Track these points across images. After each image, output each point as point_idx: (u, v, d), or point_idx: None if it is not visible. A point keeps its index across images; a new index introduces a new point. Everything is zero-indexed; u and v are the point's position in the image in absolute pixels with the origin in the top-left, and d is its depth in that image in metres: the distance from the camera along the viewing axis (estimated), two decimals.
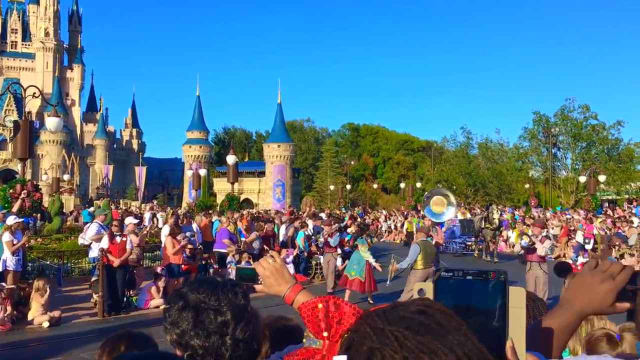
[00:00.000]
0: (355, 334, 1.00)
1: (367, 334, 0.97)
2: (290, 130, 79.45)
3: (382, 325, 0.97)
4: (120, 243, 12.47)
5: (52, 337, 10.27)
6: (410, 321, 0.96)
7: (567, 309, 1.37)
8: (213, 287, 1.70)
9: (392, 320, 0.97)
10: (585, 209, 35.16)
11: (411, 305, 1.00)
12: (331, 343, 1.05)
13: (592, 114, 52.09)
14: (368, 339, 0.96)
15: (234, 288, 1.73)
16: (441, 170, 63.24)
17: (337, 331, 1.04)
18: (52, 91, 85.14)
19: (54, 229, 23.42)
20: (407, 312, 0.98)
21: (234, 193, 31.41)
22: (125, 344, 2.51)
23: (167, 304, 1.75)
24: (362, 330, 0.99)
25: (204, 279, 1.76)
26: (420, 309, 0.99)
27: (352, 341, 1.00)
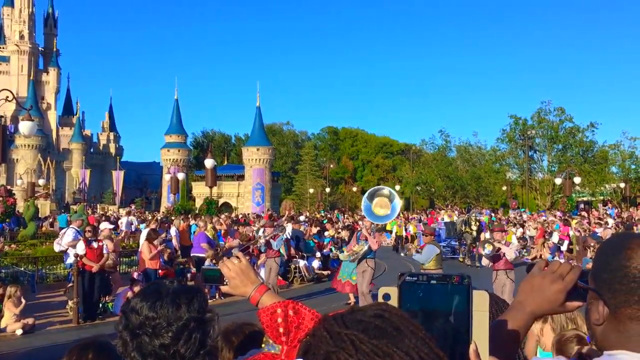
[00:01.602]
0: (312, 338, 1.00)
1: (323, 338, 0.97)
2: (270, 134, 79.35)
3: (339, 329, 0.97)
4: (97, 248, 12.32)
5: (25, 345, 10.09)
6: (367, 325, 0.96)
7: (519, 310, 1.39)
8: (154, 302, 1.62)
9: (349, 324, 0.97)
10: (561, 210, 35.67)
11: (369, 310, 1.00)
12: (290, 348, 1.04)
13: (567, 116, 52.93)
14: (324, 343, 0.96)
15: (181, 299, 1.63)
16: (420, 173, 63.63)
17: (295, 336, 1.04)
18: (27, 95, 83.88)
19: (29, 234, 23.07)
20: (364, 316, 0.98)
21: (212, 197, 31.24)
22: (93, 353, 2.47)
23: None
24: (319, 334, 0.98)
25: (149, 292, 1.67)
26: (378, 313, 0.98)
27: (310, 345, 0.99)
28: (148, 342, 1.57)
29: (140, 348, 1.58)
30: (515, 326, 1.37)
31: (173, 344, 1.57)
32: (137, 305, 1.62)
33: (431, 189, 63.01)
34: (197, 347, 1.60)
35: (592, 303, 1.26)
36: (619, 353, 1.19)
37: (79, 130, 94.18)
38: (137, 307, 1.62)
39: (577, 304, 1.34)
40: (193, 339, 1.59)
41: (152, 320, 1.58)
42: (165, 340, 1.57)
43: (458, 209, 39.74)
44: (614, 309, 1.21)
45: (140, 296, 1.66)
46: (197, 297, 1.67)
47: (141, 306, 1.61)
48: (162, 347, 1.57)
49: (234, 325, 2.41)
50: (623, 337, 1.19)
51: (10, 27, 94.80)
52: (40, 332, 11.11)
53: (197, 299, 1.66)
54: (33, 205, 25.61)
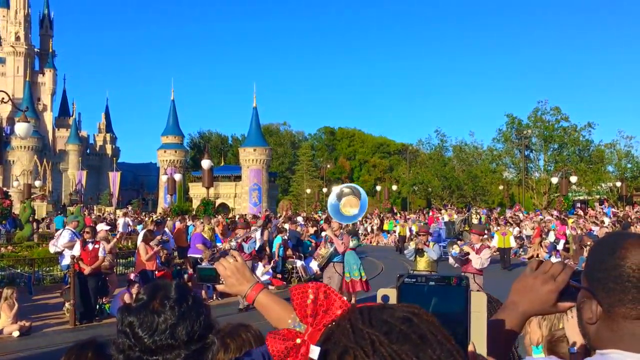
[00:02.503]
0: (336, 328, 0.99)
1: (346, 331, 0.96)
2: (266, 134, 79.36)
3: (362, 325, 0.95)
4: (92, 250, 12.30)
5: (22, 347, 10.06)
6: (392, 327, 0.94)
7: (511, 310, 1.39)
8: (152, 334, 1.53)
9: (374, 322, 0.95)
10: (557, 209, 35.76)
11: (398, 310, 0.97)
12: (314, 330, 1.04)
13: (563, 115, 53.05)
14: (345, 336, 0.95)
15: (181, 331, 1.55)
16: (417, 173, 63.69)
17: (322, 319, 1.03)
18: (23, 96, 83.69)
19: (25, 236, 23.04)
20: (392, 317, 0.96)
21: (209, 198, 31.21)
22: (92, 352, 2.47)
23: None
24: (342, 326, 0.97)
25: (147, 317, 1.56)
26: (407, 316, 0.96)
27: (331, 334, 0.98)
28: (139, 356, 1.53)
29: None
30: (508, 326, 1.38)
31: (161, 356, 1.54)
32: (132, 333, 1.54)
33: (428, 188, 63.07)
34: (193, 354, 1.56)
35: (585, 302, 1.27)
36: (612, 352, 1.19)
37: (75, 131, 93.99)
38: (133, 337, 1.54)
39: (569, 304, 1.34)
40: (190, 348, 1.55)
41: (149, 355, 1.53)
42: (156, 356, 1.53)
43: (456, 209, 39.79)
44: (608, 308, 1.21)
45: (138, 319, 1.55)
46: (197, 322, 1.58)
47: (138, 336, 1.54)
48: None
49: (229, 327, 2.41)
50: (616, 336, 1.20)
51: (6, 29, 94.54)
52: (37, 334, 11.08)
53: (197, 324, 1.57)
54: (30, 207, 25.57)
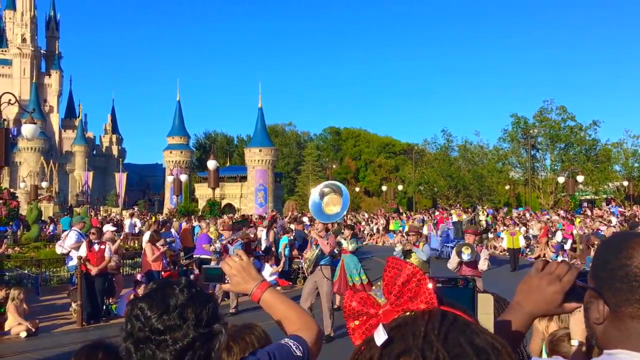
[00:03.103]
0: (411, 322, 0.94)
1: (417, 332, 0.91)
2: (272, 135, 79.44)
3: (435, 337, 0.90)
4: (98, 251, 12.34)
5: (29, 347, 10.11)
6: (464, 354, 0.88)
7: (517, 311, 1.39)
8: (160, 315, 1.56)
9: (449, 339, 0.89)
10: (564, 209, 35.64)
11: (481, 338, 0.91)
12: (391, 309, 1.00)
13: (569, 114, 52.83)
14: (414, 338, 0.90)
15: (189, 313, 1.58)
16: (422, 173, 63.58)
17: (403, 304, 1.00)
18: (29, 97, 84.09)
19: (32, 237, 23.15)
20: (469, 343, 0.89)
21: (215, 198, 31.27)
22: (103, 353, 2.49)
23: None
24: (417, 325, 0.93)
25: (157, 301, 1.59)
26: (486, 349, 0.89)
27: (404, 326, 0.94)
28: (151, 355, 1.55)
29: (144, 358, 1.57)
30: (514, 327, 1.37)
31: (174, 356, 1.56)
32: (142, 315, 1.57)
33: (434, 188, 62.95)
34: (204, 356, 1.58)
35: (591, 302, 1.26)
36: (619, 352, 1.19)
37: (82, 132, 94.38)
38: (143, 317, 1.57)
39: (575, 304, 1.34)
40: (197, 356, 1.57)
41: (157, 335, 1.55)
42: (168, 357, 1.55)
43: (461, 208, 39.61)
44: (615, 308, 1.21)
45: (148, 303, 1.59)
46: (206, 308, 1.61)
47: (147, 316, 1.57)
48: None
49: (232, 329, 2.41)
50: (623, 336, 1.19)
51: (12, 30, 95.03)
52: (44, 334, 11.13)
53: (205, 310, 1.61)
54: (36, 208, 25.70)
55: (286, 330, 1.96)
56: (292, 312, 1.98)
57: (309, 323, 1.96)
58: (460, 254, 9.91)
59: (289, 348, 1.82)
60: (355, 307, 1.04)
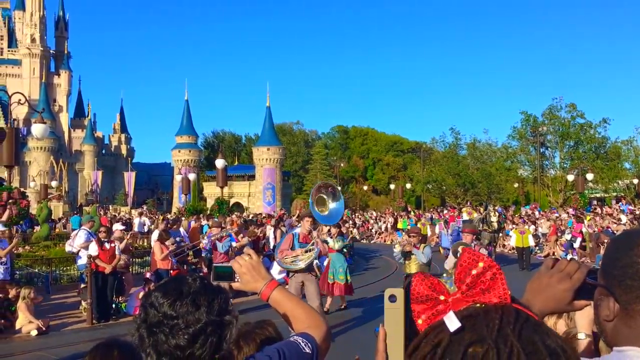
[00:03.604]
0: (483, 314, 0.94)
1: (492, 324, 0.91)
2: (280, 133, 79.50)
3: (510, 332, 0.90)
4: (109, 249, 12.42)
5: (40, 345, 10.17)
6: (537, 351, 0.88)
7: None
8: (174, 301, 1.60)
9: (523, 336, 0.90)
10: (573, 207, 35.44)
11: (551, 338, 0.92)
12: (462, 298, 1.00)
13: (579, 112, 52.53)
14: (488, 329, 0.91)
15: (202, 300, 1.61)
16: (430, 171, 63.45)
17: (474, 295, 0.99)
18: (39, 97, 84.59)
19: (42, 236, 23.29)
20: (541, 342, 0.90)
21: (223, 197, 31.32)
22: (118, 351, 2.51)
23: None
24: (491, 317, 0.93)
25: (171, 289, 1.64)
26: (556, 350, 0.90)
27: (476, 316, 0.94)
28: (164, 340, 1.58)
29: (156, 346, 1.59)
30: None
31: (188, 346, 1.57)
32: (157, 301, 1.61)
33: (442, 187, 62.81)
34: (212, 351, 1.60)
35: (601, 299, 1.26)
36: (630, 349, 1.19)
37: (91, 132, 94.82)
38: (157, 304, 1.60)
39: (585, 302, 1.33)
40: (209, 342, 1.58)
41: (170, 320, 1.58)
42: (181, 341, 1.57)
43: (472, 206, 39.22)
44: (625, 305, 1.21)
45: (162, 291, 1.63)
46: (218, 298, 1.64)
47: (161, 303, 1.60)
48: (177, 348, 1.58)
49: (244, 327, 2.43)
50: (634, 334, 1.19)
51: (22, 31, 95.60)
52: (55, 332, 11.20)
53: (217, 300, 1.64)
54: (46, 207, 25.84)
55: (295, 328, 1.97)
56: (301, 310, 1.99)
57: (317, 321, 1.97)
58: (457, 254, 9.73)
59: (298, 345, 1.83)
60: (424, 291, 1.04)
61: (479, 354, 0.88)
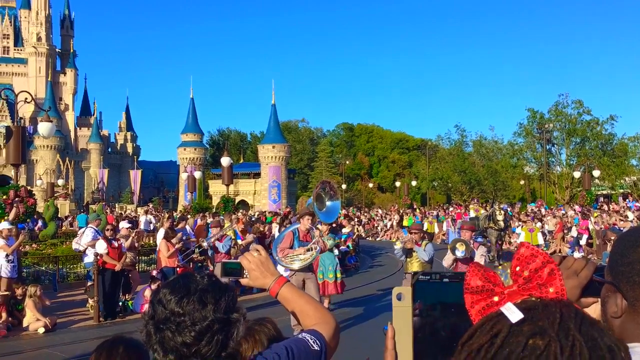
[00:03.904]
0: (542, 307, 0.95)
1: (553, 318, 0.92)
2: (285, 131, 79.47)
3: (573, 327, 0.91)
4: (118, 247, 12.47)
5: (48, 343, 10.24)
6: (596, 346, 0.90)
7: None
8: (181, 298, 1.60)
9: (583, 331, 0.91)
10: (580, 204, 35.30)
11: (607, 336, 0.93)
12: (518, 291, 1.01)
13: (585, 109, 52.28)
14: (550, 322, 0.92)
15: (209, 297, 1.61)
16: (436, 169, 63.34)
17: (531, 289, 1.00)
18: (45, 96, 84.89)
19: (49, 234, 23.40)
20: (600, 338, 0.92)
21: (229, 195, 31.39)
22: (123, 347, 2.53)
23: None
24: (551, 311, 0.94)
25: (178, 286, 1.65)
26: (612, 347, 0.92)
27: (535, 309, 0.95)
28: (170, 337, 1.58)
29: (163, 342, 1.60)
30: None
31: (195, 343, 1.58)
32: (164, 298, 1.62)
33: (448, 184, 62.70)
34: (219, 349, 1.60)
35: (609, 296, 1.26)
36: (637, 346, 1.18)
37: (97, 130, 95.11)
38: (164, 301, 1.61)
39: (592, 299, 1.32)
40: (215, 340, 1.59)
41: (177, 317, 1.58)
42: (188, 339, 1.57)
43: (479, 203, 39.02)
44: (633, 301, 1.21)
45: (170, 288, 1.64)
46: (225, 296, 1.65)
47: (168, 300, 1.61)
48: (183, 345, 1.58)
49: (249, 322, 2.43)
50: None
51: (28, 30, 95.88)
52: (62, 330, 11.26)
53: (224, 298, 1.64)
54: (53, 205, 25.97)
55: (304, 325, 1.97)
56: (310, 307, 1.99)
57: (326, 317, 1.97)
58: (455, 250, 9.54)
59: (306, 342, 1.82)
60: (479, 282, 1.06)
61: (540, 346, 0.89)
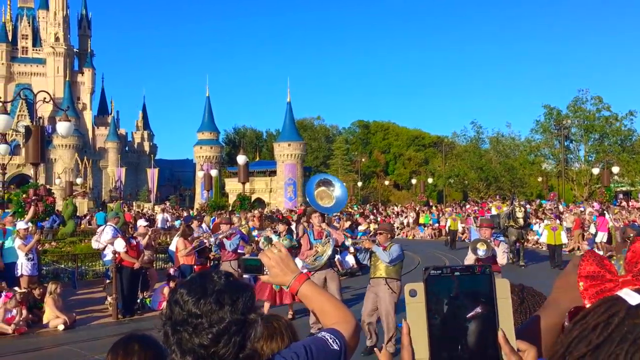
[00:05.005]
0: None
1: None
2: (301, 129, 79.51)
3: None
4: (136, 245, 12.58)
5: (67, 339, 10.36)
6: None
7: (554, 308, 1.34)
8: (198, 299, 1.60)
9: None
10: (599, 201, 34.92)
11: None
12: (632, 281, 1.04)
13: (605, 105, 51.66)
14: None
15: (226, 298, 1.61)
16: (452, 166, 63.00)
17: None
18: (63, 95, 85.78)
19: (68, 232, 23.65)
20: None
21: (245, 193, 31.52)
22: (138, 345, 2.56)
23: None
24: None
25: (195, 286, 1.64)
26: None
27: None
28: (188, 339, 1.58)
29: (180, 344, 1.60)
30: (551, 323, 1.33)
31: (212, 345, 1.57)
32: (181, 299, 1.61)
33: (464, 181, 62.34)
34: (236, 350, 1.60)
35: None
36: None
37: (114, 129, 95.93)
38: (181, 302, 1.61)
39: None
40: (232, 342, 1.58)
41: (194, 319, 1.58)
42: (205, 340, 1.57)
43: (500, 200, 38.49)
44: None
45: (186, 288, 1.63)
46: (242, 296, 1.64)
47: (185, 301, 1.60)
48: (200, 347, 1.58)
49: None
50: None
51: (46, 30, 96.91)
52: (81, 327, 11.40)
53: (242, 298, 1.63)
54: (71, 204, 26.26)
55: (323, 323, 1.95)
56: (330, 305, 1.97)
57: (346, 316, 1.95)
58: (476, 251, 9.41)
59: (325, 342, 1.81)
60: (594, 268, 1.10)
61: None
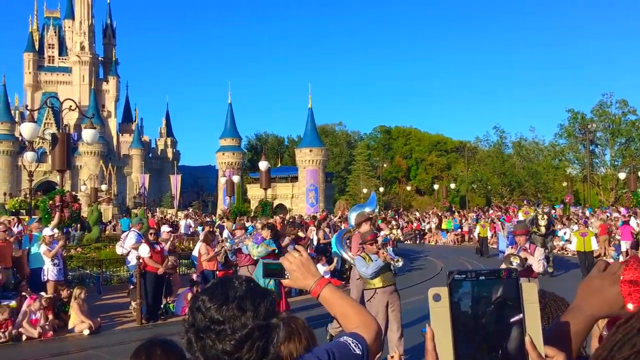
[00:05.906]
0: None
1: None
2: (322, 135, 79.63)
3: None
4: (160, 250, 12.69)
5: (92, 344, 10.49)
6: None
7: (577, 314, 1.33)
8: (220, 305, 1.60)
9: None
10: (626, 206, 34.31)
11: None
12: None
13: (630, 108, 50.83)
14: None
15: (248, 304, 1.61)
16: (475, 171, 62.47)
17: None
18: (88, 103, 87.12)
19: (93, 238, 23.97)
20: None
21: (267, 199, 31.61)
22: (161, 350, 2.58)
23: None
24: None
25: (217, 293, 1.65)
26: None
27: None
28: (211, 345, 1.59)
29: (204, 350, 1.61)
30: (575, 329, 1.32)
31: (235, 351, 1.58)
32: (203, 306, 1.62)
33: (487, 186, 61.77)
34: (260, 355, 1.60)
35: None
36: None
37: (138, 136, 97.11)
38: (204, 308, 1.62)
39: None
40: (256, 347, 1.59)
41: (217, 325, 1.59)
42: (228, 347, 1.58)
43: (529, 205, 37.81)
44: None
45: (209, 295, 1.65)
46: (264, 301, 1.64)
47: (208, 307, 1.61)
48: (224, 353, 1.59)
49: None
50: None
51: (72, 39, 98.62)
52: (106, 332, 11.52)
53: (264, 303, 1.64)
54: (97, 210, 26.60)
55: (345, 328, 1.95)
56: (351, 310, 1.96)
57: (368, 321, 1.94)
58: (511, 265, 9.06)
59: (348, 346, 1.80)
60: (636, 276, 1.16)
61: None
